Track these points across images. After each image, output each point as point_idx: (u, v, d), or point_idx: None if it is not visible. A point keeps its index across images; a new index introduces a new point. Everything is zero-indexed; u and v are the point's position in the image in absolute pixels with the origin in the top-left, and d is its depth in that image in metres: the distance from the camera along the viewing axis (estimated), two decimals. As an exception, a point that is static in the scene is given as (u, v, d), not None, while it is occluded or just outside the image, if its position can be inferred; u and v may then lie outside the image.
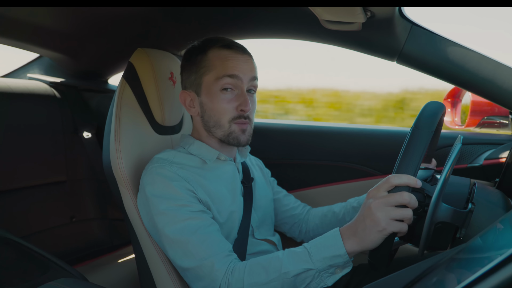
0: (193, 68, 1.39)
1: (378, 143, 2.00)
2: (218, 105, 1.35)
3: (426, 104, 1.07)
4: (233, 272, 1.15)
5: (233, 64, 1.35)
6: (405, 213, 0.99)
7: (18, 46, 2.09)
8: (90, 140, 2.39)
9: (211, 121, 1.38)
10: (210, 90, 1.36)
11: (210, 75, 1.35)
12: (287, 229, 1.72)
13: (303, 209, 1.72)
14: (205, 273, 1.18)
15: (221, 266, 1.17)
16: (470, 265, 0.72)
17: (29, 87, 2.19)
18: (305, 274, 1.09)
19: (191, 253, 1.20)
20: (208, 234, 1.23)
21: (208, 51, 1.38)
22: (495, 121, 1.88)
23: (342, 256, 1.07)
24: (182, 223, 1.22)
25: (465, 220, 1.01)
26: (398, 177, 1.00)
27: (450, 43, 1.36)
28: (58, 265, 1.40)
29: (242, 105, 1.35)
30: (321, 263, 1.08)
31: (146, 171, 1.34)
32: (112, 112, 1.46)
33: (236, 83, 1.35)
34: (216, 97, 1.35)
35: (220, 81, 1.34)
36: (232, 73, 1.34)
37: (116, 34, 1.89)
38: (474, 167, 1.76)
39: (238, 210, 1.42)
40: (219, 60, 1.35)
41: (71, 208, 2.35)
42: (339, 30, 1.36)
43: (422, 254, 1.01)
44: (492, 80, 1.33)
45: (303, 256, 1.11)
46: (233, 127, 1.37)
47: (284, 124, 2.26)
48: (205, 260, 1.18)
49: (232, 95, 1.36)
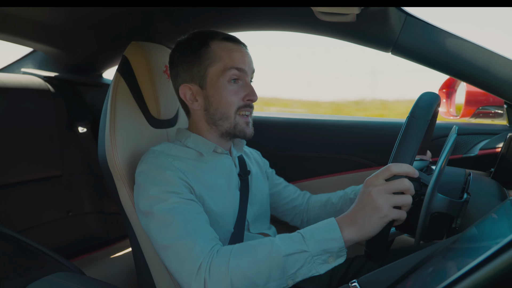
0: (196, 61, 1.36)
1: (374, 134, 2.00)
2: (226, 97, 1.35)
3: (422, 94, 1.07)
4: (218, 253, 1.09)
5: (238, 57, 1.35)
6: (406, 199, 0.98)
7: (11, 41, 2.08)
8: (85, 134, 2.38)
9: (218, 113, 1.37)
10: (216, 82, 1.35)
11: (216, 67, 1.34)
12: (290, 219, 1.73)
13: (303, 198, 1.72)
14: (186, 251, 1.11)
15: (204, 245, 1.11)
16: (466, 255, 0.73)
17: (23, 81, 2.18)
18: (297, 255, 1.04)
19: (173, 231, 1.15)
20: (194, 218, 1.18)
21: (210, 42, 1.37)
22: (490, 111, 1.88)
23: (337, 240, 1.03)
24: (170, 204, 1.19)
25: (461, 210, 1.02)
26: (398, 166, 0.99)
27: (444, 34, 1.36)
28: (55, 259, 1.40)
29: (250, 95, 1.36)
30: (315, 245, 1.04)
31: (141, 161, 1.33)
32: (107, 106, 1.45)
33: (241, 75, 1.36)
34: (224, 89, 1.35)
35: (227, 73, 1.33)
36: (239, 66, 1.34)
37: (110, 28, 1.88)
38: (469, 157, 1.76)
39: (234, 204, 1.42)
40: (224, 52, 1.35)
41: (67, 202, 2.34)
42: (334, 22, 1.36)
43: (418, 244, 1.02)
44: (486, 70, 1.33)
45: (297, 238, 1.07)
46: (237, 119, 1.37)
47: (281, 117, 2.26)
48: (187, 239, 1.12)
49: (238, 86, 1.36)
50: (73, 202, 2.37)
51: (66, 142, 2.33)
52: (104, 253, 2.26)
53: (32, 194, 2.18)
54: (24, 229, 2.12)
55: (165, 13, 1.69)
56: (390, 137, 1.69)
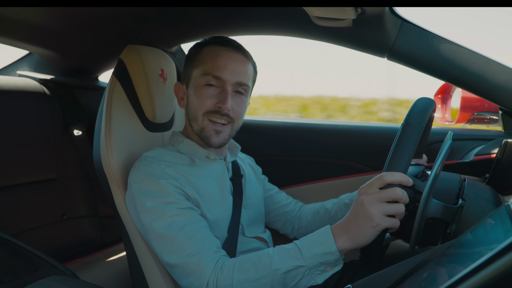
0: (188, 62, 1.41)
1: (369, 139, 2.00)
2: (197, 98, 1.36)
3: (417, 100, 1.07)
4: (222, 269, 1.14)
5: (221, 63, 1.34)
6: (398, 208, 1.00)
7: (7, 43, 2.08)
8: (81, 137, 2.38)
9: (190, 113, 1.39)
10: (195, 84, 1.37)
11: (199, 69, 1.36)
12: (280, 226, 1.73)
13: (295, 205, 1.72)
14: (192, 269, 1.17)
15: (209, 262, 1.16)
16: (461, 260, 0.73)
17: (18, 84, 2.17)
18: (295, 271, 1.09)
19: (178, 249, 1.19)
20: (195, 230, 1.22)
21: (204, 46, 1.39)
22: (485, 117, 1.89)
23: (333, 253, 1.06)
24: (169, 219, 1.21)
25: (456, 216, 1.02)
26: (391, 175, 1.00)
27: (440, 39, 1.37)
28: (49, 263, 1.40)
29: (221, 103, 1.34)
30: (312, 260, 1.08)
31: (134, 168, 1.34)
32: (102, 109, 1.45)
33: (219, 83, 1.35)
34: (199, 90, 1.36)
35: (205, 77, 1.34)
36: (216, 74, 1.33)
37: (106, 31, 1.88)
38: (465, 162, 1.77)
39: (228, 209, 1.42)
40: (210, 57, 1.36)
41: (61, 205, 2.33)
42: (330, 27, 1.37)
43: (413, 250, 1.02)
44: (482, 76, 1.34)
45: (294, 253, 1.10)
46: (205, 122, 1.36)
47: (275, 121, 2.26)
48: (192, 257, 1.17)
49: (214, 91, 1.36)
50: (67, 206, 2.36)
51: (62, 145, 2.32)
52: (98, 256, 2.25)
53: (26, 197, 2.17)
54: (18, 232, 2.10)
55: (161, 16, 1.69)
56: (385, 141, 1.69)
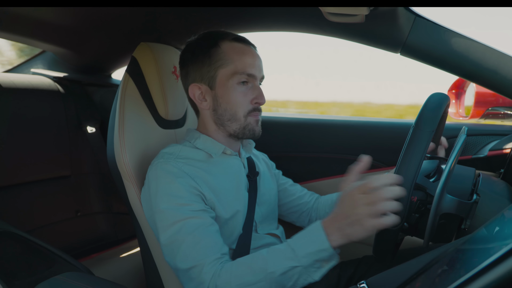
0: (206, 61, 1.37)
1: (382, 135, 2.00)
2: (234, 98, 1.36)
3: (427, 100, 1.05)
4: (220, 275, 1.15)
5: (250, 61, 1.36)
6: (385, 207, 0.98)
7: (22, 42, 2.09)
8: (94, 134, 2.39)
9: (227, 114, 1.38)
10: (225, 83, 1.36)
11: (227, 69, 1.35)
12: (296, 218, 1.72)
13: (310, 197, 1.72)
14: (195, 275, 1.18)
15: (210, 269, 1.16)
16: (475, 256, 0.72)
17: (32, 82, 2.19)
18: (291, 271, 1.09)
19: (184, 254, 1.20)
20: (205, 234, 1.22)
21: (220, 43, 1.37)
22: (500, 112, 1.88)
23: (327, 250, 1.06)
24: (180, 223, 1.22)
25: (470, 211, 1.01)
26: (377, 179, 1.00)
27: (453, 34, 1.35)
28: (63, 259, 1.41)
29: (258, 98, 1.37)
30: (306, 259, 1.08)
31: (152, 166, 1.34)
32: (116, 106, 1.46)
33: (250, 79, 1.37)
34: (233, 90, 1.35)
35: (238, 76, 1.34)
36: (250, 72, 1.35)
37: (119, 29, 1.89)
38: (479, 158, 1.76)
39: (243, 206, 1.42)
40: (236, 55, 1.35)
41: (76, 202, 2.35)
42: (343, 23, 1.36)
43: (427, 246, 1.01)
44: (496, 70, 1.32)
45: (288, 254, 1.10)
46: (248, 119, 1.38)
47: (288, 117, 2.25)
48: (196, 262, 1.18)
49: (247, 89, 1.37)
50: (81, 202, 2.38)
51: (75, 142, 2.34)
52: (112, 253, 2.27)
53: (41, 194, 2.19)
54: (33, 228, 2.12)
55: (174, 14, 1.70)
56: (399, 137, 1.69)
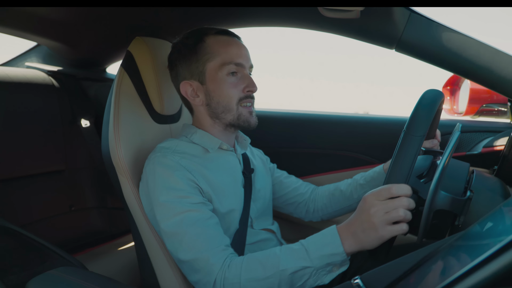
0: (193, 57, 1.38)
1: (377, 131, 2.00)
2: (226, 89, 1.36)
3: (419, 102, 1.05)
4: (229, 267, 1.15)
5: (236, 51, 1.37)
6: (404, 215, 1.00)
7: (16, 35, 2.08)
8: (89, 129, 2.38)
9: (220, 107, 1.38)
10: (215, 77, 1.36)
11: (214, 62, 1.36)
12: (293, 209, 1.73)
13: (306, 187, 1.72)
14: (200, 266, 1.18)
15: (217, 260, 1.17)
16: (469, 252, 0.73)
17: (27, 76, 2.18)
18: (302, 271, 1.09)
19: (187, 245, 1.20)
20: (206, 227, 1.23)
21: (204, 38, 1.39)
22: (494, 109, 1.88)
23: (340, 254, 1.07)
24: (180, 215, 1.22)
25: (464, 208, 1.02)
26: (398, 188, 1.00)
27: (448, 31, 1.36)
28: (57, 254, 1.41)
29: (249, 86, 1.38)
30: (319, 261, 1.08)
31: (149, 160, 1.34)
32: (110, 101, 1.45)
33: (239, 69, 1.37)
34: (224, 82, 1.36)
35: (225, 67, 1.35)
36: (237, 61, 1.36)
37: (114, 23, 1.88)
38: (473, 154, 1.76)
39: (240, 201, 1.42)
40: (221, 47, 1.36)
41: (70, 197, 2.35)
42: (338, 18, 1.36)
43: (421, 242, 1.02)
44: (490, 67, 1.33)
45: (301, 254, 1.11)
46: (240, 110, 1.38)
47: (283, 112, 2.26)
48: (201, 254, 1.18)
49: (237, 79, 1.37)
50: (76, 197, 2.37)
51: (70, 136, 2.33)
52: (106, 248, 2.27)
53: (35, 189, 2.18)
54: (27, 223, 2.12)
55: (170, 8, 1.69)
56: (393, 134, 1.69)
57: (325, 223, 1.82)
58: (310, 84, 12.83)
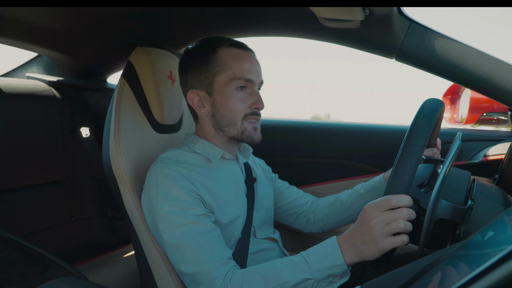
0: (204, 67, 1.37)
1: (378, 140, 2.00)
2: (233, 104, 1.36)
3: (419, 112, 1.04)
4: (231, 280, 1.15)
5: (248, 66, 1.36)
6: (403, 226, 0.99)
7: (16, 45, 2.09)
8: (89, 139, 2.39)
9: (225, 120, 1.38)
10: (223, 90, 1.36)
11: (225, 75, 1.35)
12: (293, 220, 1.72)
13: (307, 198, 1.72)
14: (203, 279, 1.18)
15: (219, 274, 1.17)
16: (470, 262, 0.72)
17: (28, 86, 2.19)
18: (304, 283, 1.09)
19: (189, 258, 1.20)
20: (208, 240, 1.22)
21: (217, 49, 1.37)
22: (494, 118, 1.88)
23: (340, 266, 1.07)
24: (183, 227, 1.22)
25: (465, 217, 1.01)
26: (398, 199, 0.99)
27: (448, 40, 1.36)
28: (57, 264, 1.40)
29: (257, 103, 1.37)
30: (320, 272, 1.08)
31: (151, 171, 1.34)
32: (111, 111, 1.45)
33: (249, 84, 1.37)
34: (231, 96, 1.35)
35: (236, 82, 1.34)
36: (248, 77, 1.35)
37: (115, 33, 1.89)
38: (474, 163, 1.76)
39: (242, 211, 1.42)
40: (233, 61, 1.35)
41: (70, 207, 2.35)
42: (338, 28, 1.36)
43: (422, 251, 1.01)
44: (490, 76, 1.33)
45: (302, 266, 1.10)
46: (245, 125, 1.38)
47: (284, 121, 2.26)
48: (203, 267, 1.18)
49: (245, 94, 1.37)
50: (76, 207, 2.37)
51: (70, 146, 2.34)
52: (107, 258, 2.26)
53: (35, 199, 2.18)
54: (27, 233, 2.12)
55: (170, 19, 1.70)
56: (395, 143, 1.69)
57: (325, 233, 1.81)
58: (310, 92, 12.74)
